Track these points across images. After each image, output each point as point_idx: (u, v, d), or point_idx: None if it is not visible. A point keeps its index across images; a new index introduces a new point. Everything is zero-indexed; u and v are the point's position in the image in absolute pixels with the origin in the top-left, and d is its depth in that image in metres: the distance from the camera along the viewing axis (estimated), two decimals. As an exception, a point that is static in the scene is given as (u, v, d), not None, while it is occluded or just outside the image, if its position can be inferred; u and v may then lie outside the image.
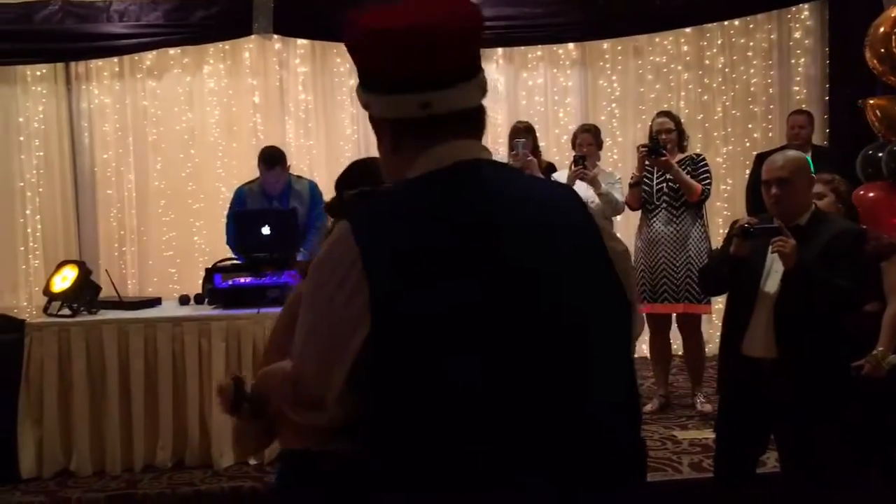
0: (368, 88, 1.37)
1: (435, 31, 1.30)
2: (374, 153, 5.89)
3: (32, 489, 4.11)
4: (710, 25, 6.78)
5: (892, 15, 4.64)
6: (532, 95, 6.84)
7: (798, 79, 6.78)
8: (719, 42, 6.84)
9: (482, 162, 1.37)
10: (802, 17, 6.76)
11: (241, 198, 5.28)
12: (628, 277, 1.42)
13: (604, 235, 1.40)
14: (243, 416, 1.46)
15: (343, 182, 1.88)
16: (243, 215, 4.85)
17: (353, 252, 1.26)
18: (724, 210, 6.72)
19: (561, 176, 5.29)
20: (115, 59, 6.57)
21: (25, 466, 4.21)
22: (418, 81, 1.32)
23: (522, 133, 5.50)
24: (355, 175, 1.83)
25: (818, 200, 3.45)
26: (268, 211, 4.91)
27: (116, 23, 6.34)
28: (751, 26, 6.81)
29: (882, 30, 4.61)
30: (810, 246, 2.99)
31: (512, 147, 5.53)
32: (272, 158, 5.13)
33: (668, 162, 4.81)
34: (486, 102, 1.41)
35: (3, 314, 4.82)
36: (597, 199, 5.14)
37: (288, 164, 5.25)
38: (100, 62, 6.58)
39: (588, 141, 5.32)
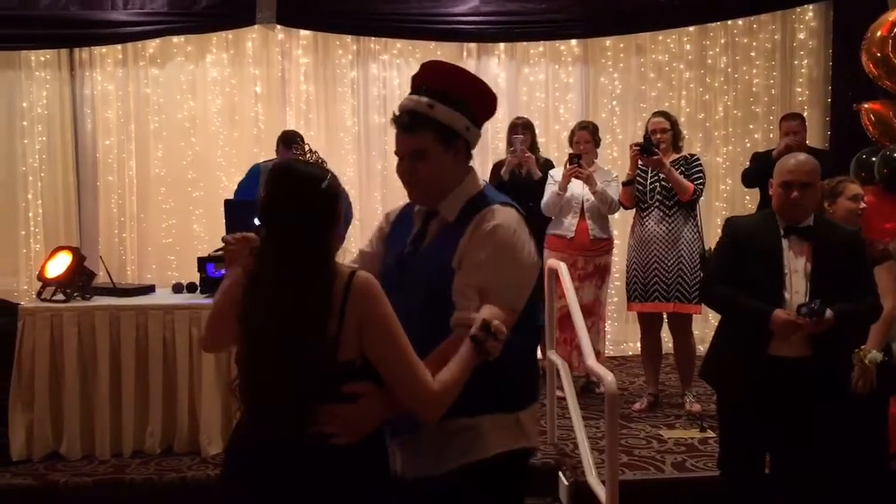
0: (473, 122, 2.13)
1: None
2: (373, 144, 6.07)
3: (22, 471, 4.16)
4: (713, 25, 6.78)
5: (890, 19, 4.61)
6: (533, 91, 6.85)
7: (801, 80, 6.78)
8: (722, 41, 6.83)
9: None
10: (807, 18, 6.75)
11: (255, 174, 5.51)
12: None
13: None
14: (482, 354, 1.90)
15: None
16: (236, 205, 4.89)
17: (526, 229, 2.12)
18: (723, 210, 6.72)
19: (558, 173, 5.31)
20: (119, 47, 6.60)
21: (16, 449, 4.26)
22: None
23: (520, 129, 5.51)
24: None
25: (853, 203, 3.56)
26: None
27: (121, 10, 6.38)
28: (754, 26, 6.80)
29: (879, 34, 4.58)
30: (823, 249, 3.07)
31: (510, 143, 5.55)
32: (291, 139, 5.42)
33: (660, 161, 4.82)
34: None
35: (-3, 298, 4.87)
36: (592, 198, 5.17)
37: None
38: (103, 49, 6.62)
39: (585, 138, 5.34)
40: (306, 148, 2.01)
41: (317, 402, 1.84)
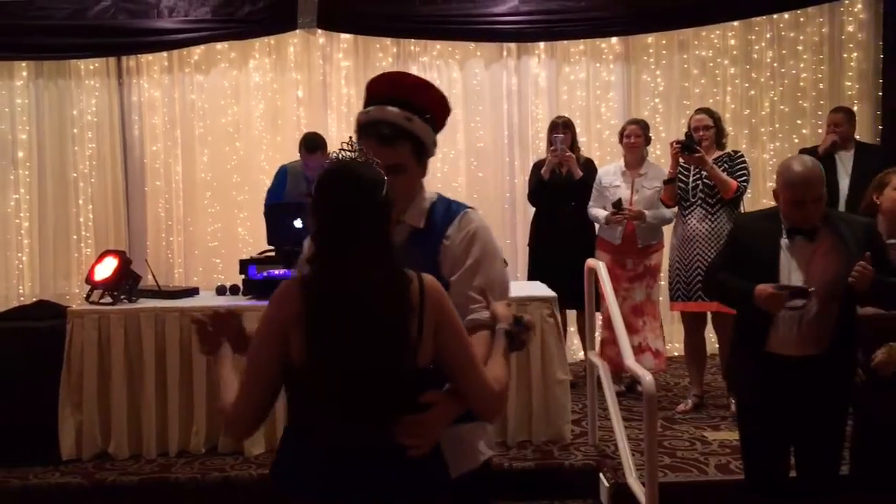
0: (435, 131, 2.17)
1: None
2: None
3: (71, 470, 4.26)
4: (758, 19, 6.66)
5: (941, 9, 4.48)
6: (573, 90, 6.80)
7: (850, 74, 6.61)
8: (768, 36, 6.70)
9: None
10: (855, 10, 6.59)
11: (282, 175, 5.54)
12: None
13: None
14: (514, 346, 2.00)
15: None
16: (276, 208, 4.93)
17: None
18: (770, 207, 6.58)
19: (607, 176, 5.33)
20: (165, 54, 6.74)
21: (66, 448, 4.37)
22: None
23: (561, 128, 5.49)
24: None
25: None
26: (300, 205, 4.98)
27: (166, 18, 6.51)
28: (801, 20, 6.66)
29: (929, 24, 4.46)
30: (839, 241, 2.99)
31: (550, 142, 5.52)
32: (313, 143, 5.34)
33: (701, 159, 4.75)
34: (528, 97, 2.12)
35: (46, 301, 4.99)
36: (638, 206, 5.18)
37: (329, 150, 5.38)
38: (150, 56, 6.76)
39: (636, 132, 5.33)
40: (353, 145, 1.86)
41: (396, 411, 1.80)
